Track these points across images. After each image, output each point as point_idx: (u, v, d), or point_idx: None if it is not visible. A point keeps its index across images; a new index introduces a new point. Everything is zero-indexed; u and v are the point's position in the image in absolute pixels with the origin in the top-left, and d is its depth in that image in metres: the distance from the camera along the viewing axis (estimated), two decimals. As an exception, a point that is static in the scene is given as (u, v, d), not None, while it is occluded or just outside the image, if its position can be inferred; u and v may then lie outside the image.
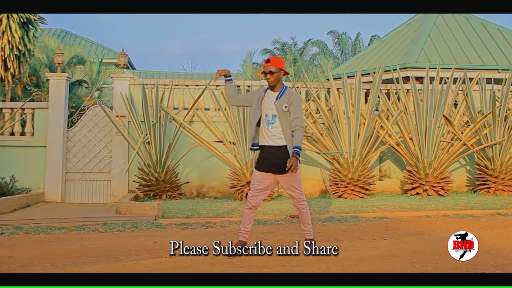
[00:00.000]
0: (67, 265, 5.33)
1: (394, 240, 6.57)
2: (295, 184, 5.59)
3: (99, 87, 16.40)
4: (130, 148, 11.84)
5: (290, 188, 5.60)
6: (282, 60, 5.62)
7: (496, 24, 17.45)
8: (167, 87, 12.19)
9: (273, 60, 5.54)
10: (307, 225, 5.69)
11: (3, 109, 12.04)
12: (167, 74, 25.94)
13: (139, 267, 5.17)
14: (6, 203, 9.83)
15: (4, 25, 12.08)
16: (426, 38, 16.51)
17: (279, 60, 5.57)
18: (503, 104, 11.67)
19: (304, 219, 5.68)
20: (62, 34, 24.21)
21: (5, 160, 11.78)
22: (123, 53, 12.60)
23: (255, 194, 5.57)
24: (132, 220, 8.22)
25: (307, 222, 5.68)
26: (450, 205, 9.69)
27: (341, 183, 11.26)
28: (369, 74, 13.05)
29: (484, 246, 5.65)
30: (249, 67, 22.24)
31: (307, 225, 5.69)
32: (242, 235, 5.59)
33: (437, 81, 11.66)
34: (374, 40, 29.35)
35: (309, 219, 5.71)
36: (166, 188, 11.37)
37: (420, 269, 4.95)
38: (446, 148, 11.58)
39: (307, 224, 5.69)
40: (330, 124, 11.45)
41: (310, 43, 30.53)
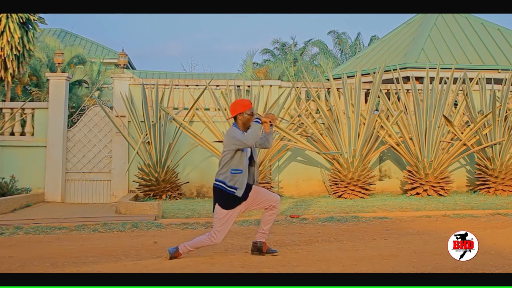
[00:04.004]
0: (67, 265, 5.33)
1: (394, 240, 6.57)
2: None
3: (99, 87, 16.40)
4: (130, 148, 11.84)
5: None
6: (235, 105, 5.66)
7: (496, 24, 17.45)
8: (167, 87, 12.19)
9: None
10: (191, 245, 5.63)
11: (3, 109, 12.04)
12: (167, 74, 25.93)
13: (139, 267, 5.17)
14: (6, 203, 9.83)
15: (3, 25, 12.08)
16: (426, 38, 16.50)
17: (232, 107, 5.67)
18: (503, 104, 11.66)
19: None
20: (62, 34, 24.20)
21: (5, 160, 11.77)
22: (123, 53, 12.60)
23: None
24: (132, 220, 8.22)
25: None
26: (450, 205, 9.68)
27: (341, 183, 11.26)
28: (369, 74, 13.04)
29: (484, 246, 5.65)
30: (249, 67, 22.24)
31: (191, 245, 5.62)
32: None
33: (437, 81, 11.65)
34: (374, 40, 29.34)
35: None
36: (166, 188, 11.36)
37: (420, 269, 4.95)
38: (446, 148, 11.58)
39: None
40: (330, 124, 11.44)
41: (310, 43, 30.53)
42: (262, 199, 5.63)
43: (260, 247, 5.68)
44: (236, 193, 5.44)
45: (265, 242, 5.71)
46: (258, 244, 5.70)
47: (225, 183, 5.45)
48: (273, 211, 5.67)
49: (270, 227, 5.76)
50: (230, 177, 5.45)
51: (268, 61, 28.49)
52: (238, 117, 5.60)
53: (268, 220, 5.69)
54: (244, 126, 5.59)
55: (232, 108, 5.65)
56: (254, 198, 5.59)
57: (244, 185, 5.47)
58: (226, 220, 5.46)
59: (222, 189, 5.46)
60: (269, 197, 5.68)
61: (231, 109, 5.66)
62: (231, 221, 5.50)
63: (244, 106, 5.60)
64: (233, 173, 5.45)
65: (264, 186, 11.08)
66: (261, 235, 5.70)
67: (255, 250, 5.70)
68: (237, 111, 5.59)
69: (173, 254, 5.51)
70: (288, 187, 12.18)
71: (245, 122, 5.59)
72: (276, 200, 5.68)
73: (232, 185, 5.44)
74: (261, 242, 5.70)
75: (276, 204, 5.67)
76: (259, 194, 5.63)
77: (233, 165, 5.45)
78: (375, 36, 31.05)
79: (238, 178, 5.44)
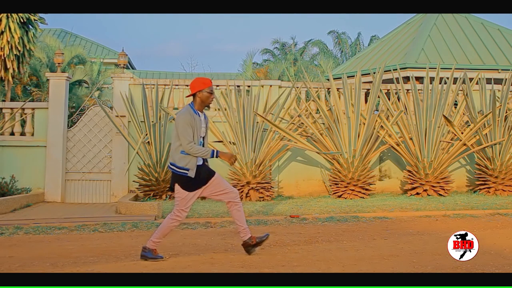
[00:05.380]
0: (67, 265, 5.33)
1: (394, 240, 6.57)
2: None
3: (99, 87, 16.41)
4: (130, 148, 11.84)
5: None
6: (194, 83, 5.63)
7: (496, 24, 17.45)
8: (167, 87, 12.19)
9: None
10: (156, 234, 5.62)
11: (3, 109, 12.04)
12: (167, 74, 25.94)
13: (139, 267, 5.17)
14: (6, 203, 9.83)
15: (4, 25, 12.08)
16: (426, 38, 16.51)
17: (192, 84, 5.64)
18: (503, 104, 11.66)
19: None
20: (62, 34, 24.20)
21: (5, 160, 11.77)
22: (123, 53, 12.60)
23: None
24: (132, 220, 8.23)
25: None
26: (450, 205, 9.68)
27: (341, 183, 11.26)
28: (369, 74, 13.04)
29: (484, 246, 5.65)
30: (249, 67, 22.25)
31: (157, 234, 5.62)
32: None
33: (437, 81, 11.65)
34: (374, 40, 29.35)
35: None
36: (166, 188, 11.36)
37: (420, 269, 4.95)
38: (446, 148, 11.58)
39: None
40: (330, 124, 11.44)
41: (310, 43, 30.53)
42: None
43: (250, 243, 5.63)
44: (189, 174, 5.49)
45: (252, 236, 5.66)
46: (247, 241, 5.65)
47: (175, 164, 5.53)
48: (237, 205, 5.65)
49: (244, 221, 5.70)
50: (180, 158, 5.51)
51: (268, 61, 28.49)
52: (197, 95, 5.57)
53: (239, 216, 5.66)
54: (202, 105, 5.60)
55: (192, 85, 5.59)
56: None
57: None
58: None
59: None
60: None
61: (191, 86, 5.60)
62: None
63: (204, 84, 5.57)
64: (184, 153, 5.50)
65: (264, 186, 11.10)
66: (243, 233, 5.65)
67: (249, 247, 5.65)
68: (196, 88, 5.55)
69: (150, 255, 5.51)
70: (288, 187, 12.18)
71: (204, 100, 5.58)
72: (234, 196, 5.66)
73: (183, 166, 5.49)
74: (248, 238, 5.64)
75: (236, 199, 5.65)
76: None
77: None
78: (375, 36, 31.07)
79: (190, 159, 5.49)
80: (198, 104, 5.59)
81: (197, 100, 5.59)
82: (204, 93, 5.55)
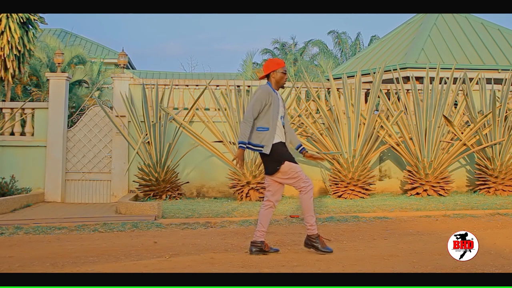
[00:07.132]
0: (67, 265, 5.32)
1: (394, 240, 6.56)
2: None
3: (99, 87, 16.41)
4: (130, 148, 11.84)
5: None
6: (269, 63, 5.72)
7: (496, 24, 17.45)
8: (167, 87, 12.20)
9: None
10: (307, 217, 5.70)
11: (3, 109, 12.04)
12: (167, 74, 25.95)
13: (139, 267, 5.17)
14: (6, 203, 9.83)
15: (4, 25, 12.09)
16: (426, 38, 16.51)
17: (266, 64, 5.73)
18: (503, 104, 11.66)
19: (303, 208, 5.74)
20: (62, 34, 24.20)
21: (5, 160, 11.78)
22: (123, 53, 12.61)
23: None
24: (132, 220, 8.22)
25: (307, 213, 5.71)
26: (450, 205, 9.68)
27: (341, 183, 11.26)
28: (369, 74, 13.04)
29: (484, 246, 5.65)
30: (249, 67, 22.25)
31: (307, 217, 5.70)
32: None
33: (437, 81, 11.66)
34: (374, 40, 29.34)
35: (310, 210, 5.69)
36: (166, 188, 11.37)
37: (420, 269, 4.95)
38: (446, 148, 11.58)
39: (308, 216, 5.69)
40: (330, 124, 11.45)
41: (310, 43, 30.53)
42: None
43: (263, 248, 5.71)
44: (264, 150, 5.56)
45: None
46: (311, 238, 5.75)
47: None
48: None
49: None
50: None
51: (268, 61, 28.46)
52: (272, 75, 5.63)
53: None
54: (277, 85, 5.65)
55: (266, 65, 5.68)
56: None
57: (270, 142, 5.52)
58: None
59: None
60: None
61: (265, 67, 5.68)
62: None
63: (278, 64, 5.66)
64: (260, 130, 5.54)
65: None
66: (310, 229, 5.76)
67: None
68: (270, 68, 5.63)
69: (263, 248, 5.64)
70: (288, 187, 12.12)
71: (278, 80, 5.63)
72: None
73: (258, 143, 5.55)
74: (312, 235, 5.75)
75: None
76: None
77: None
78: (375, 36, 31.06)
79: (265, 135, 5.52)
80: (274, 84, 5.65)
81: (272, 81, 5.65)
82: (278, 73, 5.62)
